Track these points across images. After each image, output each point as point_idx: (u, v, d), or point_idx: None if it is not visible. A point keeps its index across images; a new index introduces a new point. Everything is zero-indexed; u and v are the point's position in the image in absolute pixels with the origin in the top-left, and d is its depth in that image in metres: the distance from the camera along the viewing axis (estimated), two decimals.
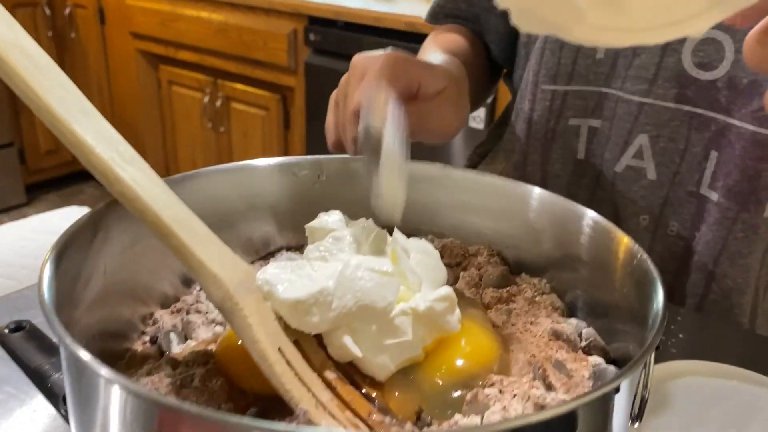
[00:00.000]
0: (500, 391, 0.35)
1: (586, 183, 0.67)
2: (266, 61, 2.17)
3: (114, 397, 0.28)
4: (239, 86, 2.32)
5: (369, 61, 0.49)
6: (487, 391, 0.35)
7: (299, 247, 0.50)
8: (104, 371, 0.27)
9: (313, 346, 0.37)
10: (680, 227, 0.64)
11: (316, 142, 2.14)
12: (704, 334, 0.60)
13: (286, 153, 2.29)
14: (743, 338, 0.60)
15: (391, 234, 0.43)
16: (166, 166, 2.69)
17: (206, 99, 2.42)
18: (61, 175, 2.96)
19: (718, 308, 0.64)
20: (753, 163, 0.59)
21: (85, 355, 0.27)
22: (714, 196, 0.62)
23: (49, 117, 0.39)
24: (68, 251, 0.36)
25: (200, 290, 0.45)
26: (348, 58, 0.52)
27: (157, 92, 2.64)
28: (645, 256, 0.36)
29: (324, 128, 0.54)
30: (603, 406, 0.29)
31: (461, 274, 0.46)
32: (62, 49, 2.73)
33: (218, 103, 2.39)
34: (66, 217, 0.79)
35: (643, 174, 0.63)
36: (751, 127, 0.58)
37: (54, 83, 0.41)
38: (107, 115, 0.40)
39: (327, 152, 0.52)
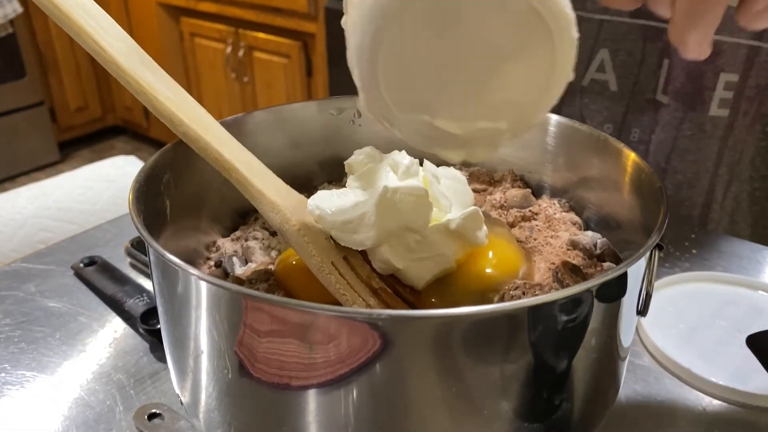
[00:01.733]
0: (524, 293, 0.40)
1: None
2: (286, 8, 2.19)
3: (204, 293, 0.34)
4: (261, 35, 2.34)
5: None
6: (512, 293, 0.40)
7: (339, 180, 0.55)
8: (196, 272, 0.33)
9: (359, 261, 0.42)
10: (641, 133, 0.71)
11: (339, 89, 2.17)
12: (716, 250, 0.64)
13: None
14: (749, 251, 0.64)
15: (421, 164, 0.47)
16: None
17: (228, 50, 2.45)
18: (91, 131, 3.04)
19: (671, 202, 0.71)
20: (696, 65, 0.65)
21: (178, 261, 0.33)
22: (665, 100, 0.68)
23: (116, 69, 0.44)
24: (145, 186, 0.41)
25: (255, 220, 0.51)
26: None
27: (180, 45, 2.67)
28: (650, 170, 0.41)
29: (348, 73, 0.58)
30: (612, 292, 0.34)
31: (487, 198, 0.51)
32: None
33: (240, 53, 2.42)
34: (115, 165, 0.85)
35: (606, 86, 0.69)
36: None
37: (115, 38, 0.46)
38: None
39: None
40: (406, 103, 0.33)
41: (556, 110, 0.67)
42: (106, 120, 3.06)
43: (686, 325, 0.54)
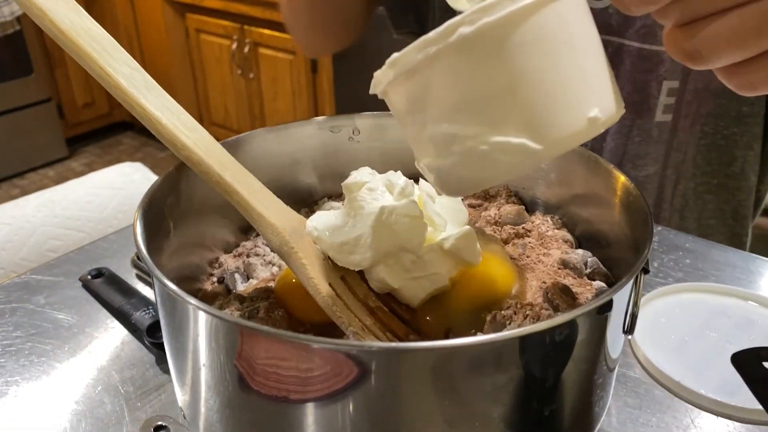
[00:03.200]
0: (515, 313, 0.41)
1: None
2: None
3: (202, 322, 0.35)
4: (266, 31, 2.35)
5: None
6: (504, 312, 0.41)
7: (339, 195, 0.57)
8: (194, 302, 0.34)
9: (356, 280, 0.44)
10: (593, 141, 0.74)
11: (344, 85, 2.18)
12: (710, 260, 0.65)
13: (315, 97, 2.34)
14: (744, 260, 0.65)
15: (417, 183, 0.49)
16: (198, 115, 2.76)
17: (234, 46, 2.46)
18: (99, 127, 3.06)
19: None
20: (641, 75, 0.69)
21: (179, 291, 0.35)
22: None
23: (120, 93, 0.45)
24: (150, 210, 0.43)
25: (257, 236, 0.52)
26: None
27: (186, 41, 2.68)
28: (638, 193, 0.42)
29: (353, 70, 0.60)
30: (598, 318, 0.36)
31: (482, 214, 0.52)
32: (90, 1, 2.78)
33: (246, 49, 2.43)
34: (121, 173, 0.86)
35: None
36: (636, 44, 0.68)
37: (120, 62, 0.47)
38: None
39: (355, 96, 0.58)
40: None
41: None
42: (113, 116, 3.08)
43: (677, 337, 0.55)
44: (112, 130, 3.13)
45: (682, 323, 0.56)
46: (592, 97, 0.31)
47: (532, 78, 0.30)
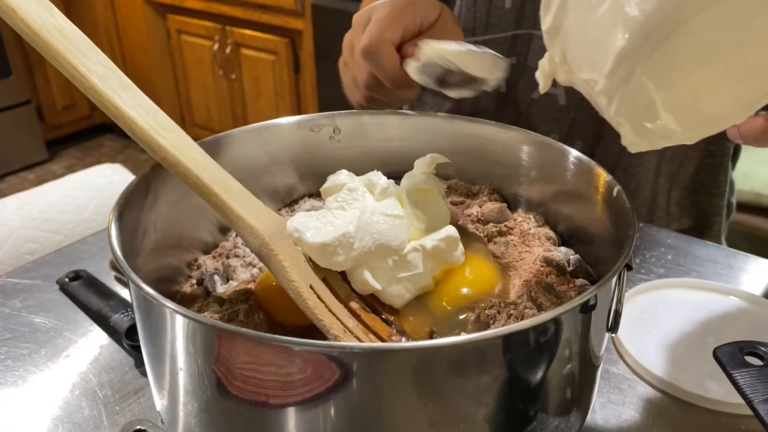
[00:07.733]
0: (498, 312, 0.41)
1: (508, 112, 0.76)
2: (273, 5, 2.18)
3: (179, 325, 0.34)
4: (248, 32, 2.34)
5: (369, 11, 0.55)
6: (488, 311, 0.41)
7: (319, 194, 0.56)
8: (171, 305, 0.33)
9: (338, 282, 0.43)
10: (584, 145, 0.75)
11: (326, 85, 2.17)
12: (691, 255, 0.65)
13: (297, 97, 2.33)
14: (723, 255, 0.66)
15: (398, 183, 0.48)
16: (180, 116, 2.74)
17: (216, 47, 2.44)
18: (79, 129, 3.02)
19: None
20: None
21: (155, 294, 0.34)
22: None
23: (94, 94, 0.44)
24: (126, 211, 0.42)
25: (236, 237, 0.52)
26: None
27: (167, 42, 2.66)
28: (620, 189, 0.42)
29: (336, 69, 0.61)
30: (582, 316, 0.35)
31: (465, 211, 0.52)
32: (70, 2, 2.74)
33: (228, 50, 2.41)
34: (101, 174, 0.85)
35: (555, 100, 0.72)
36: None
37: (94, 61, 0.46)
38: (119, 68, 0.46)
39: (338, 96, 0.58)
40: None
41: (511, 120, 0.69)
42: (93, 118, 3.05)
43: (660, 332, 0.55)
44: (93, 132, 3.09)
45: (664, 319, 0.56)
46: None
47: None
